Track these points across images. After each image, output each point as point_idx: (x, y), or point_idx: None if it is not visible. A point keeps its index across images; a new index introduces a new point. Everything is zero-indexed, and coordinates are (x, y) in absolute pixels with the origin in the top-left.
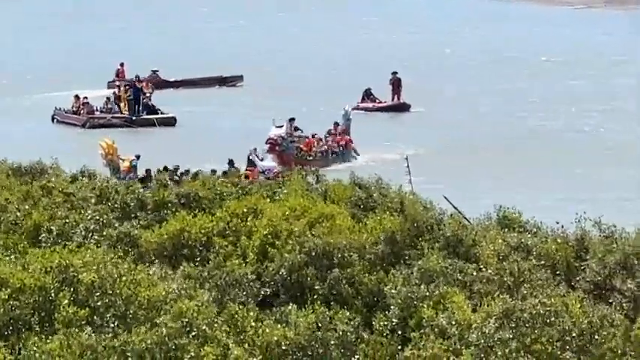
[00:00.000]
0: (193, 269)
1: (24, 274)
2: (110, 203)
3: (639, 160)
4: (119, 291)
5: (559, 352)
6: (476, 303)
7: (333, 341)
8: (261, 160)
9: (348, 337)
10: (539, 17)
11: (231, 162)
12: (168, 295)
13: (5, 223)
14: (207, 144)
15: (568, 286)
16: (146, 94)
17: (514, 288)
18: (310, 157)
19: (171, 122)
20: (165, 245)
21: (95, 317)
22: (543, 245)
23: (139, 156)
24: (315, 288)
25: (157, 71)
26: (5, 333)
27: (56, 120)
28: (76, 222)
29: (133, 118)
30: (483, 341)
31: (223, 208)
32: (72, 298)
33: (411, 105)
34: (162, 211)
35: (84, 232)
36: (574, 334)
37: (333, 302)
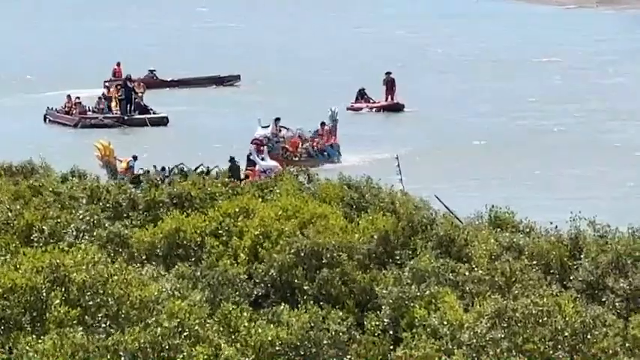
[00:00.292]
0: (186, 269)
1: (15, 274)
2: (102, 203)
3: (634, 160)
4: (111, 291)
5: (551, 352)
6: (468, 303)
7: (326, 341)
8: (261, 160)
9: (341, 337)
10: (530, 16)
11: (232, 159)
12: (160, 295)
13: None
14: (198, 144)
15: (561, 286)
16: (138, 94)
17: (506, 288)
18: (296, 158)
19: (163, 122)
20: (156, 245)
21: (87, 317)
22: (535, 245)
23: (136, 157)
24: (304, 288)
25: (154, 71)
26: None
27: (48, 120)
28: (68, 222)
29: (125, 118)
30: (475, 341)
31: (215, 208)
32: (63, 298)
33: (405, 105)
34: (152, 211)
35: (75, 232)
36: (566, 334)
37: (324, 302)
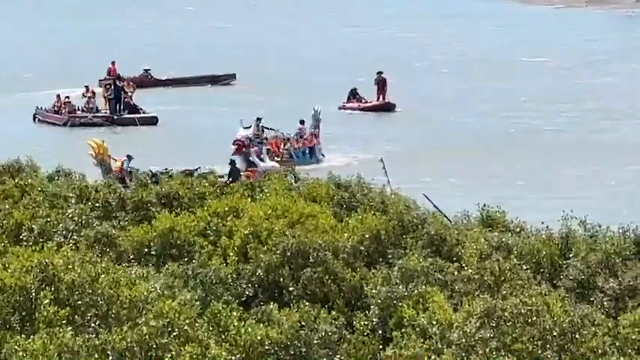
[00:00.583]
0: (177, 268)
1: (4, 274)
2: (91, 202)
3: (626, 160)
4: (100, 290)
5: (540, 352)
6: (457, 302)
7: (316, 340)
8: (261, 161)
9: (331, 337)
10: (520, 16)
11: (232, 162)
12: (149, 295)
13: None
14: (189, 143)
15: (551, 285)
16: (127, 93)
17: (495, 287)
18: (278, 158)
19: (152, 121)
20: (144, 244)
21: (77, 317)
22: (526, 244)
23: (131, 156)
24: (291, 288)
25: (149, 70)
26: None
27: (38, 119)
28: (58, 221)
29: (114, 117)
30: (464, 340)
31: (204, 208)
32: (53, 298)
33: (396, 105)
34: (141, 211)
35: (64, 232)
36: (555, 334)
37: (311, 302)
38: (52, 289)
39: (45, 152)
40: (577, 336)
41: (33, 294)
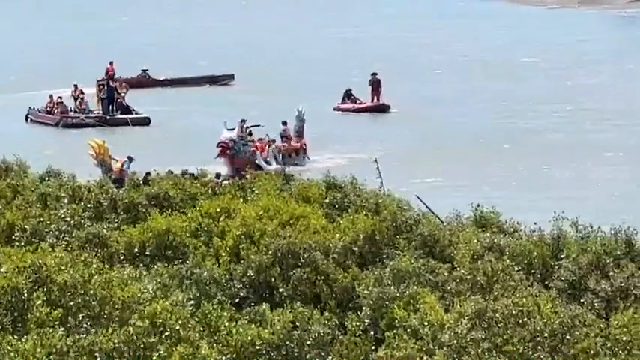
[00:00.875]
0: (171, 269)
1: None
2: (83, 203)
3: (619, 160)
4: (93, 291)
5: (531, 353)
6: (448, 303)
7: (309, 341)
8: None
9: (324, 338)
10: (513, 16)
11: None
12: (142, 296)
13: None
14: (180, 144)
15: (543, 286)
16: (120, 94)
17: (488, 288)
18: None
19: (145, 122)
20: (137, 245)
21: (69, 318)
22: (518, 245)
23: (132, 158)
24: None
25: (147, 70)
26: None
27: (30, 119)
28: (51, 221)
29: (107, 118)
30: (456, 342)
31: (196, 208)
32: (45, 299)
33: (390, 105)
34: (132, 212)
35: (57, 233)
36: (546, 335)
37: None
38: (45, 290)
39: (36, 152)
40: (568, 337)
41: (25, 295)
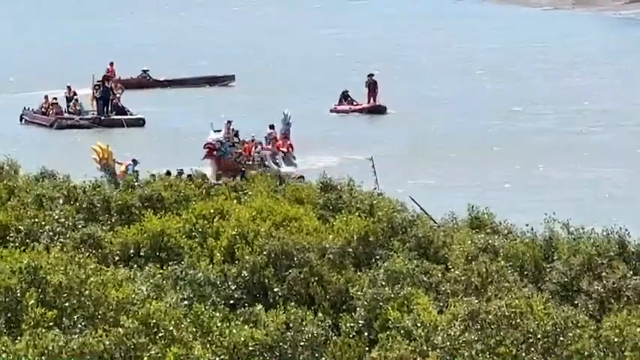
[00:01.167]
0: (165, 269)
1: None
2: (78, 204)
3: (614, 162)
4: (88, 292)
5: (524, 354)
6: (442, 304)
7: (303, 342)
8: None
9: (318, 339)
10: (508, 18)
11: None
12: (136, 297)
13: None
14: (174, 145)
15: (536, 288)
16: (116, 95)
17: (482, 289)
18: (250, 162)
19: (139, 123)
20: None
21: (64, 319)
22: (511, 246)
23: (136, 160)
24: (276, 289)
25: (148, 71)
26: None
27: (25, 120)
28: (45, 222)
29: (102, 119)
30: (449, 343)
31: (189, 210)
32: (40, 300)
33: (387, 107)
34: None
35: (51, 233)
36: (538, 336)
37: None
38: (39, 291)
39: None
40: (561, 338)
41: (19, 295)
